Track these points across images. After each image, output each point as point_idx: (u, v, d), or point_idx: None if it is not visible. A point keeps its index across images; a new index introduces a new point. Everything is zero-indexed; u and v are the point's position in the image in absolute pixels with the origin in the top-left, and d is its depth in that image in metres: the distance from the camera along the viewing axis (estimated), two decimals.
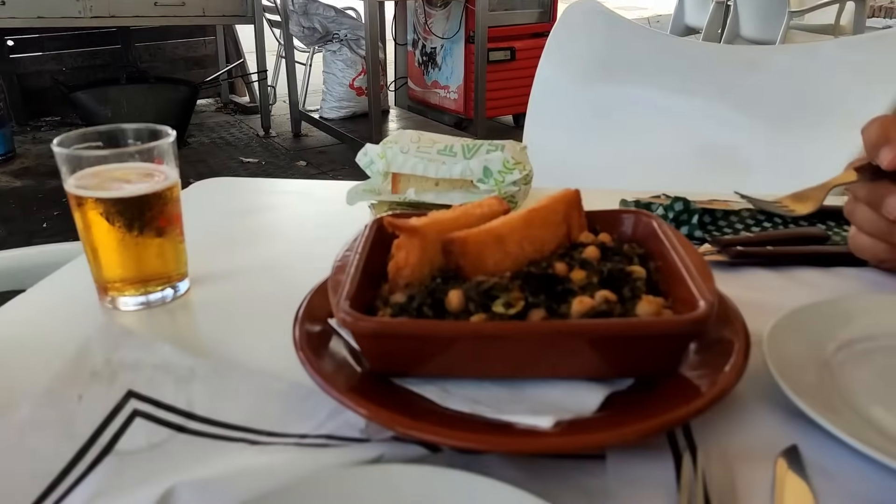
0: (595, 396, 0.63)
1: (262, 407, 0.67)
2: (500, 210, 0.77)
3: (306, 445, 0.62)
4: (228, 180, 1.31)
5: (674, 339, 0.62)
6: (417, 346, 0.63)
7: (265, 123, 5.79)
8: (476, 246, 0.69)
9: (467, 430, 0.56)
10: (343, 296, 0.65)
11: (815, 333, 0.72)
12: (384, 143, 1.04)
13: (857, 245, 0.86)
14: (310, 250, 1.02)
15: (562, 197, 0.77)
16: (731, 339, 0.68)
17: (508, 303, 0.64)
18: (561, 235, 0.76)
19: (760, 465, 0.59)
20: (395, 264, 0.71)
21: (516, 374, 0.66)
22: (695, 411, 0.58)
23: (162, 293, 0.86)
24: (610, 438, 0.55)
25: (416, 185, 1.00)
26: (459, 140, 1.02)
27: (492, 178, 0.96)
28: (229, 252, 1.01)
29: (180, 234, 0.87)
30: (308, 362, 0.65)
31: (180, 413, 0.66)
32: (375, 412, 0.58)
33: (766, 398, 0.66)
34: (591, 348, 0.62)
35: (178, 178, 0.86)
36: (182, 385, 0.68)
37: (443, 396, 0.64)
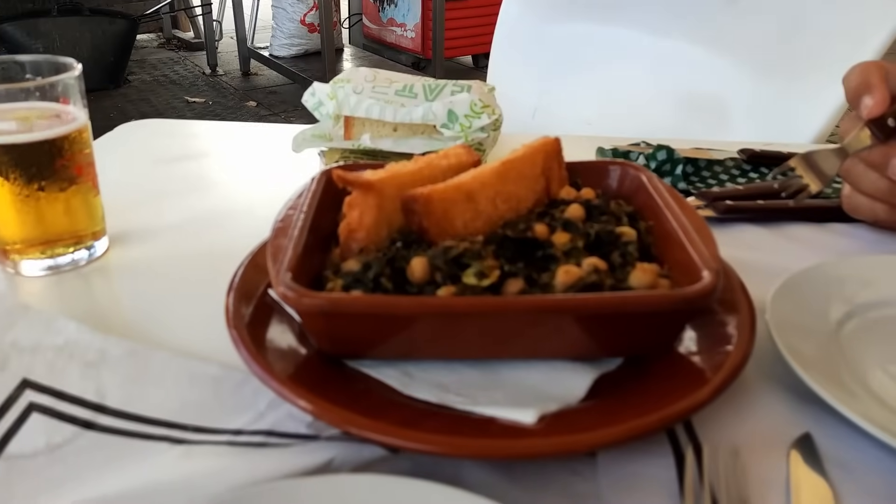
0: (581, 381, 0.54)
1: (188, 396, 0.56)
2: (470, 161, 0.67)
3: (241, 445, 0.52)
4: (159, 122, 1.16)
5: (675, 315, 0.53)
6: (374, 326, 0.52)
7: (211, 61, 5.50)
8: (442, 204, 0.59)
9: (434, 431, 0.47)
10: (284, 265, 0.54)
11: (821, 300, 0.65)
12: (335, 81, 0.91)
13: (854, 205, 0.79)
14: (251, 204, 0.90)
15: (540, 146, 0.67)
16: (731, 310, 0.59)
17: (481, 272, 0.55)
18: (539, 191, 0.66)
19: (772, 459, 0.51)
20: (347, 226, 0.60)
21: (490, 356, 0.56)
22: (700, 402, 0.49)
23: (73, 256, 0.74)
24: (603, 438, 0.46)
25: (371, 130, 0.89)
26: (420, 79, 0.91)
27: (457, 122, 0.84)
28: (157, 206, 0.89)
29: (93, 186, 0.74)
30: (241, 343, 0.55)
31: (88, 406, 0.55)
32: (323, 408, 0.48)
33: (770, 377, 0.59)
34: (579, 326, 0.53)
35: (87, 120, 0.72)
36: (90, 371, 0.57)
37: (405, 383, 0.54)
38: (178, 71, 5.52)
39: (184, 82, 5.25)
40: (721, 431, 0.53)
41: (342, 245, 0.60)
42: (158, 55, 5.90)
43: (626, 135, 1.04)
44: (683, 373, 0.54)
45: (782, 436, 0.53)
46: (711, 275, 0.52)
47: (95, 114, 0.73)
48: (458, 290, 0.54)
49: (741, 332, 0.56)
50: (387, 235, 0.61)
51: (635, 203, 0.67)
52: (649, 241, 0.62)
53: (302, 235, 0.58)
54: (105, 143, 1.05)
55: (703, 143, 0.98)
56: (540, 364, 0.56)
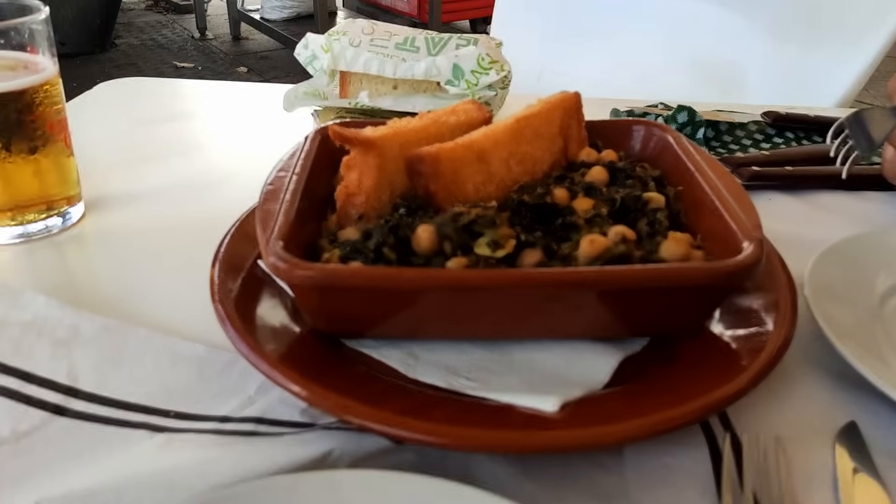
0: (605, 363, 0.49)
1: (169, 378, 0.51)
2: (480, 118, 0.61)
3: (228, 433, 0.46)
4: (140, 80, 1.09)
5: (714, 291, 0.47)
6: (376, 302, 0.47)
7: (201, 24, 5.35)
8: (451, 164, 0.53)
9: (443, 421, 0.42)
10: (275, 232, 0.48)
11: (864, 274, 0.59)
12: (330, 33, 0.84)
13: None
14: (239, 168, 0.84)
15: (558, 102, 0.60)
16: (767, 285, 0.54)
17: (495, 241, 0.49)
18: (556, 152, 0.60)
19: (816, 450, 0.46)
20: (345, 189, 0.54)
21: (504, 335, 0.51)
22: (740, 391, 0.44)
23: (46, 222, 0.68)
24: (634, 430, 0.41)
25: (369, 87, 0.82)
26: (422, 32, 0.84)
27: (463, 79, 0.78)
28: (138, 169, 0.82)
29: (66, 146, 0.68)
30: (227, 320, 0.49)
31: (59, 388, 0.49)
32: (318, 394, 0.43)
33: (810, 358, 0.54)
34: (605, 303, 0.47)
35: (56, 70, 0.66)
36: (61, 350, 0.52)
37: (410, 365, 0.49)
38: (166, 35, 5.37)
39: (172, 46, 5.11)
40: (759, 420, 0.48)
41: (339, 211, 0.54)
42: (146, 18, 5.74)
43: (638, 96, 0.97)
44: (718, 356, 0.48)
45: (826, 425, 0.48)
46: (754, 246, 0.47)
47: (81, 79, 0.66)
48: (471, 262, 0.48)
49: (781, 310, 0.51)
50: (389, 200, 0.55)
51: (661, 166, 0.61)
52: (679, 208, 0.56)
53: (294, 200, 0.52)
54: (83, 103, 0.98)
55: (722, 105, 0.92)
56: (557, 344, 0.50)
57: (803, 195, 0.77)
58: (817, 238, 0.64)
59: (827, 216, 0.73)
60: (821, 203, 0.76)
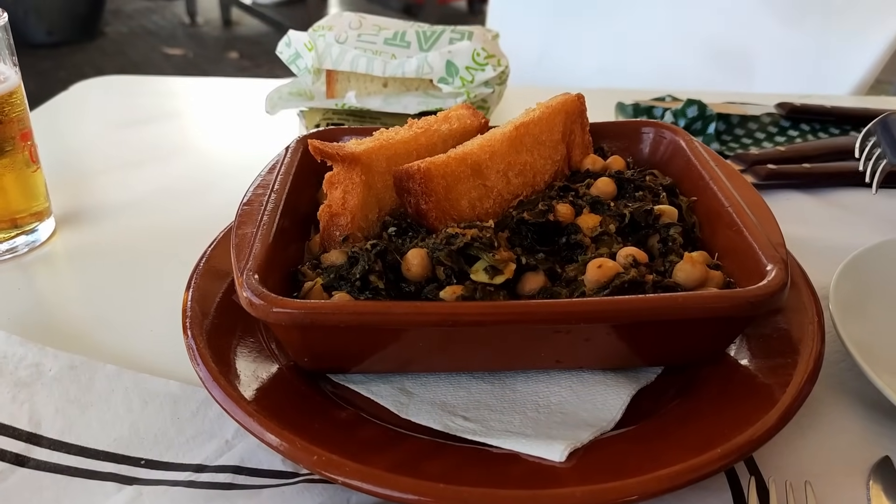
0: (616, 398, 0.45)
1: (141, 421, 0.47)
2: (475, 125, 0.56)
3: (202, 486, 0.42)
4: (116, 79, 1.04)
5: (734, 321, 0.43)
6: (363, 338, 0.42)
7: (190, 9, 5.25)
8: (443, 180, 0.48)
9: (439, 478, 0.37)
10: (249, 262, 0.44)
11: (892, 286, 0.55)
12: (314, 28, 0.79)
13: None
14: (222, 176, 0.79)
15: (559, 105, 0.56)
16: (790, 305, 0.49)
17: (493, 266, 0.44)
18: (559, 160, 0.56)
19: (848, 490, 0.42)
20: (328, 209, 0.49)
21: (504, 368, 0.47)
22: (769, 430, 0.40)
23: (13, 242, 0.63)
24: (652, 485, 0.37)
25: (357, 86, 0.77)
26: (413, 25, 0.79)
27: (457, 76, 0.73)
28: (113, 179, 0.77)
29: (32, 160, 0.63)
30: (200, 359, 0.45)
31: (20, 436, 0.45)
32: (300, 447, 0.39)
33: (838, 384, 0.49)
34: (617, 335, 0.43)
35: (18, 81, 0.61)
36: (22, 392, 0.47)
37: (402, 404, 0.45)
38: (155, 21, 5.28)
39: (162, 33, 5.02)
40: (786, 458, 0.44)
41: (323, 232, 0.50)
42: (134, 4, 5.64)
43: (643, 84, 0.92)
44: (740, 388, 0.44)
45: (859, 460, 0.44)
46: (777, 269, 0.42)
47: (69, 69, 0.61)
48: (467, 290, 0.43)
49: (807, 333, 0.46)
50: (377, 219, 0.51)
51: (672, 172, 0.56)
52: (693, 221, 0.52)
53: (272, 222, 0.48)
54: (56, 106, 0.94)
55: (733, 95, 0.87)
56: (564, 376, 0.46)
57: (824, 194, 0.72)
58: (842, 243, 0.60)
59: (851, 218, 0.69)
60: (844, 203, 0.71)
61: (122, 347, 0.53)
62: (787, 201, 0.71)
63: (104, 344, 0.53)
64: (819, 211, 0.70)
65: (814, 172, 0.73)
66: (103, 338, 0.54)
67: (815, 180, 0.72)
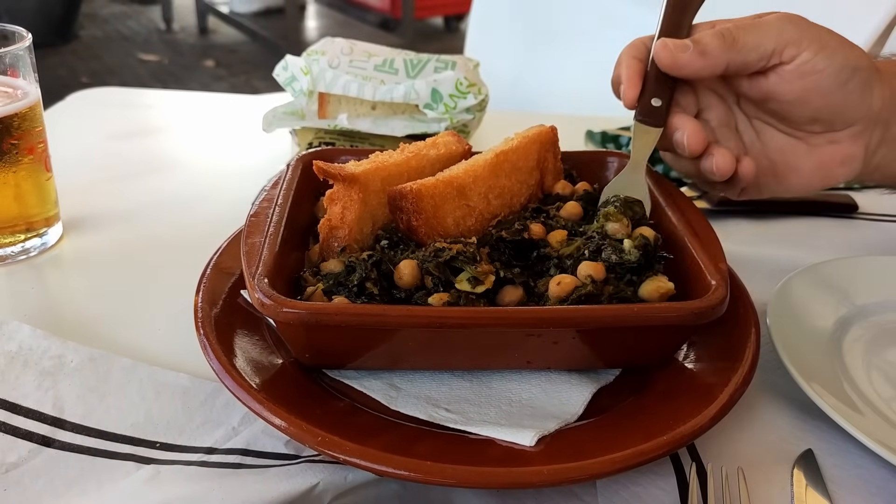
0: (579, 395, 0.51)
1: (155, 409, 0.52)
2: (460, 151, 0.62)
3: (215, 465, 0.47)
4: (113, 91, 1.09)
5: (681, 329, 0.50)
6: (360, 337, 0.48)
7: (167, 15, 5.26)
8: (432, 200, 0.55)
9: (426, 456, 0.43)
10: (259, 267, 0.49)
11: (822, 304, 0.63)
12: (308, 53, 0.85)
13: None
14: (219, 185, 0.84)
15: (535, 136, 0.62)
16: (732, 316, 0.56)
17: (475, 278, 0.51)
18: (533, 185, 0.62)
19: (776, 477, 0.49)
20: (328, 222, 0.55)
21: (482, 367, 0.53)
22: (706, 425, 0.46)
23: (24, 245, 0.68)
24: (607, 465, 0.43)
25: (347, 107, 0.83)
26: (400, 53, 0.85)
27: (442, 102, 0.79)
28: (115, 187, 0.82)
29: (46, 168, 0.68)
30: (212, 352, 0.50)
31: (46, 420, 0.50)
32: (304, 429, 0.44)
33: (772, 387, 0.57)
34: (581, 339, 0.49)
35: (38, 95, 0.66)
36: (47, 381, 0.52)
37: (391, 397, 0.51)
38: (130, 26, 5.28)
39: (137, 38, 5.03)
40: (723, 448, 0.51)
41: (322, 243, 0.56)
42: (110, 8, 5.63)
43: (612, 110, 1.00)
44: (686, 389, 0.51)
45: (786, 452, 0.51)
46: (719, 285, 0.49)
47: (42, 72, 0.66)
48: (452, 297, 0.50)
49: (744, 343, 0.54)
50: (371, 232, 0.57)
51: None
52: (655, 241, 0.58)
53: (277, 232, 0.54)
54: (54, 116, 0.98)
55: None
56: (534, 375, 0.53)
57: (769, 221, 0.80)
58: (781, 265, 0.68)
59: (791, 243, 0.76)
60: (785, 229, 0.79)
61: (133, 342, 0.58)
62: (736, 226, 0.79)
63: (115, 339, 0.58)
64: (763, 235, 0.78)
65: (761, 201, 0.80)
66: (113, 334, 0.59)
67: (762, 208, 0.80)
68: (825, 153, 0.60)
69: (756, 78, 0.58)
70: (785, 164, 0.61)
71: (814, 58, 0.56)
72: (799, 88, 0.57)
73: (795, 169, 0.61)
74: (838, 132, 0.59)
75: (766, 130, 0.62)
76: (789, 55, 0.56)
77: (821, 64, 0.56)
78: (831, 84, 0.56)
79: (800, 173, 0.61)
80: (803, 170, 0.61)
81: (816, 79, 0.56)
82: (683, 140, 0.58)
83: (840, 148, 0.60)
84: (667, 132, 0.59)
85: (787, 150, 0.61)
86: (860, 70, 0.57)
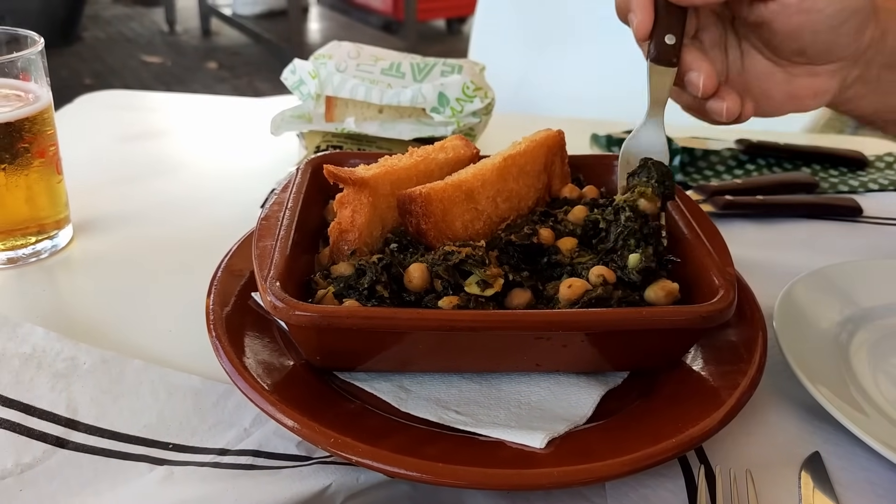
0: (587, 398, 0.51)
1: (167, 410, 0.52)
2: (468, 155, 0.63)
3: (228, 466, 0.48)
4: (120, 93, 1.09)
5: (688, 332, 0.50)
6: (370, 339, 0.49)
7: (169, 17, 5.27)
8: (441, 204, 0.55)
9: (436, 458, 0.44)
10: (271, 271, 0.50)
11: (828, 308, 0.63)
12: (316, 57, 0.86)
13: None
14: (226, 187, 0.85)
15: (542, 140, 0.63)
16: (740, 320, 0.57)
17: (484, 280, 0.51)
18: (540, 188, 0.63)
19: (783, 480, 0.49)
20: (339, 226, 0.56)
21: (491, 370, 0.53)
22: (714, 428, 0.47)
23: (35, 247, 0.68)
24: (616, 468, 0.44)
25: (354, 111, 0.84)
26: (407, 57, 0.86)
27: (448, 106, 0.80)
28: (123, 189, 0.83)
29: (57, 171, 0.69)
30: (225, 355, 0.51)
31: (59, 421, 0.51)
32: (318, 432, 0.45)
33: (779, 390, 0.57)
34: (590, 342, 0.50)
35: (50, 99, 0.66)
36: (61, 382, 0.53)
37: (401, 399, 0.51)
38: (133, 28, 5.29)
39: (140, 40, 5.03)
40: (732, 451, 0.51)
41: (333, 246, 0.56)
42: (113, 10, 5.64)
43: (616, 113, 1.00)
44: (694, 392, 0.51)
45: (793, 455, 0.51)
46: (727, 289, 0.50)
47: None
48: (461, 300, 0.50)
49: (752, 346, 0.54)
50: (380, 235, 0.57)
51: None
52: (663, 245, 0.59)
53: (288, 236, 0.54)
54: (63, 118, 0.98)
55: (697, 130, 0.95)
56: (542, 378, 0.53)
57: (774, 224, 0.80)
58: (787, 268, 0.68)
59: (797, 246, 0.77)
60: (791, 232, 0.79)
61: (144, 344, 0.59)
62: (743, 229, 0.79)
63: (126, 341, 0.59)
64: (769, 239, 0.78)
65: (766, 204, 0.81)
66: (124, 336, 0.60)
67: (768, 211, 0.81)
68: (801, 84, 0.61)
69: (757, 4, 0.58)
70: (760, 89, 0.62)
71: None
72: (796, 22, 0.57)
73: (769, 95, 0.61)
74: (820, 66, 0.60)
75: (751, 54, 0.62)
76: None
77: (821, 3, 0.56)
78: (827, 24, 0.57)
79: (773, 99, 0.61)
80: (776, 96, 0.61)
81: (814, 17, 0.56)
82: (699, 81, 0.57)
83: (817, 81, 0.60)
84: (680, 70, 0.58)
85: (766, 76, 0.61)
86: (858, 13, 0.57)
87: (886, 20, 0.60)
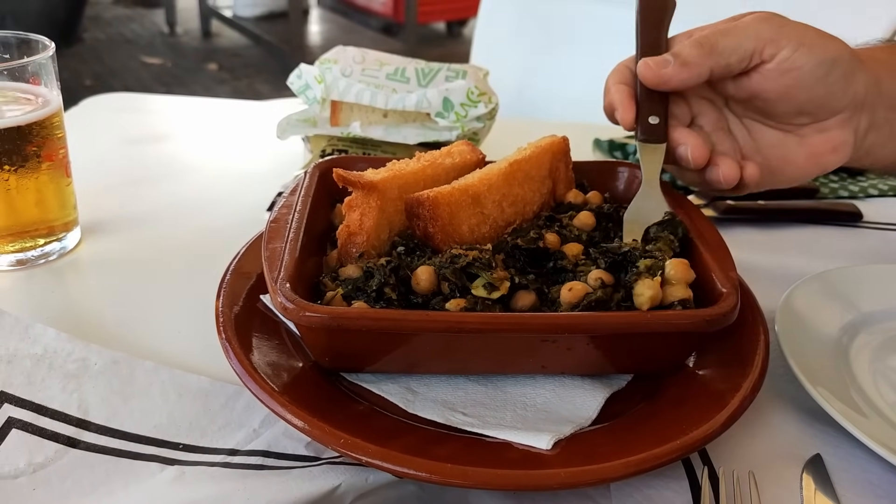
0: (592, 400, 0.52)
1: (177, 411, 0.53)
2: (474, 160, 0.63)
3: (238, 466, 0.48)
4: (127, 96, 1.10)
5: (691, 336, 0.51)
6: (379, 341, 0.50)
7: (170, 19, 5.28)
8: (448, 208, 0.56)
9: (445, 459, 0.44)
10: (281, 272, 0.51)
11: (829, 312, 0.64)
12: (321, 61, 0.86)
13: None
14: (232, 189, 0.86)
15: (547, 146, 0.64)
16: (742, 323, 0.58)
17: (491, 283, 0.52)
18: (545, 193, 0.64)
19: (785, 481, 0.50)
20: (347, 229, 0.56)
21: (497, 372, 0.54)
22: (717, 430, 0.47)
23: (43, 248, 0.69)
24: (621, 469, 0.44)
25: (359, 115, 0.85)
26: (412, 62, 0.86)
27: (453, 111, 0.81)
28: (130, 192, 0.84)
29: (66, 174, 0.69)
30: (235, 357, 0.51)
31: (71, 421, 0.51)
32: (328, 433, 0.45)
33: (781, 392, 0.58)
34: (595, 345, 0.50)
35: (60, 103, 0.67)
36: (72, 383, 0.53)
37: (409, 400, 0.52)
38: (133, 29, 5.30)
39: (140, 41, 5.04)
40: (734, 452, 0.52)
41: (341, 249, 0.57)
42: (113, 11, 5.65)
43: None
44: (697, 394, 0.52)
45: (795, 457, 0.52)
46: (730, 293, 0.50)
47: None
48: (469, 303, 0.51)
49: (754, 350, 0.55)
50: (387, 239, 0.58)
51: None
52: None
53: (297, 239, 0.55)
54: (69, 121, 0.98)
55: None
56: (547, 380, 0.54)
57: (775, 229, 0.81)
58: (788, 272, 0.69)
59: (798, 250, 0.77)
60: (792, 237, 0.80)
61: (153, 345, 0.59)
62: (743, 234, 0.80)
63: (135, 342, 0.60)
64: (770, 243, 0.79)
65: (767, 209, 0.82)
66: (133, 336, 0.60)
67: (769, 216, 0.82)
68: (816, 142, 0.62)
69: (740, 79, 0.60)
70: (779, 158, 0.63)
71: (793, 55, 0.58)
72: (782, 85, 0.58)
73: (789, 161, 0.63)
74: (825, 121, 0.61)
75: (757, 128, 0.64)
76: (769, 53, 0.58)
77: (800, 60, 0.57)
78: (812, 78, 0.58)
79: (794, 164, 0.63)
80: (797, 161, 0.62)
81: (797, 74, 0.58)
82: (687, 154, 0.60)
83: (829, 136, 0.61)
84: (669, 147, 0.61)
85: (779, 143, 0.63)
86: (839, 62, 0.59)
87: (876, 68, 0.62)
